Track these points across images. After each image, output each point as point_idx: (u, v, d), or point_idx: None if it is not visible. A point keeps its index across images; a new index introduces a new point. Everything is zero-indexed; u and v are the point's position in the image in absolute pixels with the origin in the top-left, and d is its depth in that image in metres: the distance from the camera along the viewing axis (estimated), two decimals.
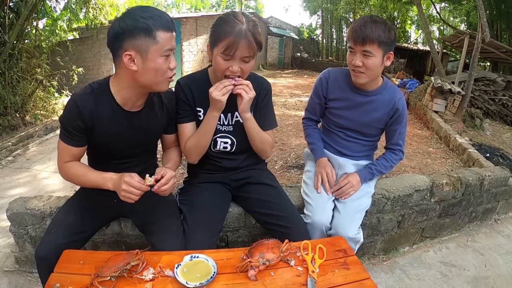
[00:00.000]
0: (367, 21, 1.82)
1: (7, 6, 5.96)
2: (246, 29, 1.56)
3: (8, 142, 5.46)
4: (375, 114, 2.07)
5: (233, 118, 1.86)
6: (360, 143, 2.18)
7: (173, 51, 1.50)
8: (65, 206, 1.78)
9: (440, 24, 24.82)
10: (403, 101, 2.08)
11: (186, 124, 1.82)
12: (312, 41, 32.51)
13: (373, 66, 1.86)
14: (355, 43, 1.86)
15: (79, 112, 1.49)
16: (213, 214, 1.77)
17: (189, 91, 1.80)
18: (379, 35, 1.79)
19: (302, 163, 4.29)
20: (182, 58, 13.34)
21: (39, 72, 6.96)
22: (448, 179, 2.67)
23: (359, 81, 1.95)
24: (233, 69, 1.60)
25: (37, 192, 3.88)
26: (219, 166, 1.94)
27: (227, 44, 1.55)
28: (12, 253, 2.35)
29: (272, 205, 1.83)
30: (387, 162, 2.14)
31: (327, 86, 2.14)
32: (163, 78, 1.51)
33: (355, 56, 1.88)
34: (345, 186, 2.01)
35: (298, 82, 15.70)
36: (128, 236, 2.12)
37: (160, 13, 1.44)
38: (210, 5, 33.25)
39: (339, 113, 2.13)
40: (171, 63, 1.50)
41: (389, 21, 22.69)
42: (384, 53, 1.86)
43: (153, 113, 1.71)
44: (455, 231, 2.96)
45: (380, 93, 2.05)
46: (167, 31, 1.43)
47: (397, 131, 2.11)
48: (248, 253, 1.38)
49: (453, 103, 7.33)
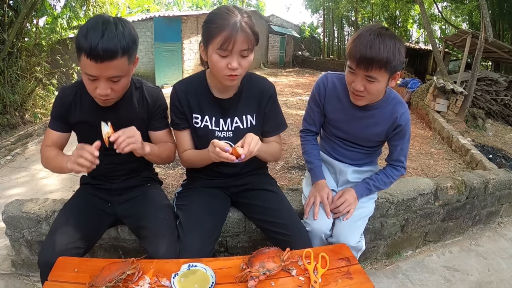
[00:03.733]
0: (373, 40, 1.52)
1: (6, 4, 5.92)
2: (242, 20, 1.47)
3: (7, 141, 5.43)
4: (375, 129, 1.88)
5: (233, 124, 1.76)
6: (360, 152, 2.03)
7: (99, 77, 1.41)
8: (64, 210, 1.74)
9: (442, 23, 24.74)
10: (407, 116, 1.84)
11: (181, 132, 1.78)
12: (313, 39, 32.38)
13: (375, 91, 1.65)
14: (357, 66, 1.59)
15: (60, 101, 1.66)
16: (210, 220, 1.70)
17: (185, 97, 1.72)
18: (388, 58, 1.52)
19: (303, 163, 4.25)
20: (183, 57, 13.33)
21: (38, 71, 6.93)
22: (453, 183, 2.62)
23: (358, 103, 1.76)
24: (233, 66, 1.49)
25: (35, 192, 3.86)
26: (219, 172, 1.87)
27: (224, 38, 1.44)
28: (8, 256, 2.32)
29: (273, 212, 1.76)
30: (387, 178, 1.95)
31: (324, 93, 1.93)
32: (91, 94, 1.51)
33: (355, 78, 1.64)
34: (342, 206, 1.86)
35: (299, 81, 15.66)
36: (125, 241, 2.08)
37: (95, 37, 1.33)
38: (211, 3, 33.16)
39: (337, 125, 1.96)
40: (97, 88, 1.44)
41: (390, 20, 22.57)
42: (390, 76, 1.62)
43: (131, 106, 1.69)
44: (458, 235, 2.92)
45: (382, 106, 1.83)
46: (89, 59, 1.35)
47: (398, 146, 1.90)
48: (248, 262, 1.33)
49: (455, 103, 7.30)
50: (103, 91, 1.43)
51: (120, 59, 1.38)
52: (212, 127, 1.74)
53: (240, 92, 1.74)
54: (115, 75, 1.42)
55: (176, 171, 3.93)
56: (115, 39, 1.35)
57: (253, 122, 1.79)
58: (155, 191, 1.89)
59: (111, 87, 1.45)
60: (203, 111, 1.72)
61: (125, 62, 1.42)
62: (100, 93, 1.44)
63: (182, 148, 1.79)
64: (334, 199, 1.90)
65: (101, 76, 1.40)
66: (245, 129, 1.75)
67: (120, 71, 1.43)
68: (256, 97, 1.76)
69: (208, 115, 1.73)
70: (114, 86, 1.46)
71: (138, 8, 17.87)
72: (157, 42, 11.98)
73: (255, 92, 1.75)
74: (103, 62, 1.34)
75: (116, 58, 1.37)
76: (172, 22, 12.51)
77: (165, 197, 1.91)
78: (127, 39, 1.39)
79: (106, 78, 1.41)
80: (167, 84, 12.19)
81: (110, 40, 1.33)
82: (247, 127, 1.76)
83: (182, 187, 2.01)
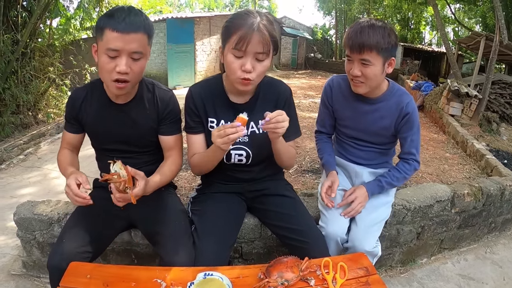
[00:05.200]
0: (364, 26, 1.67)
1: (20, 5, 6.00)
2: (260, 22, 1.44)
3: (20, 141, 5.49)
4: (382, 123, 1.91)
5: (248, 128, 1.71)
6: (373, 151, 2.03)
7: (120, 53, 1.45)
8: (75, 213, 1.73)
9: (455, 25, 24.52)
10: (413, 105, 1.88)
11: (194, 136, 1.73)
12: (325, 41, 32.36)
13: (372, 76, 1.72)
14: (351, 51, 1.71)
15: (72, 102, 1.71)
16: (226, 226, 1.67)
17: (200, 101, 1.69)
18: (378, 42, 1.63)
19: (317, 167, 4.22)
20: (196, 58, 13.36)
21: (51, 71, 7.00)
22: (470, 189, 2.57)
23: (358, 91, 1.82)
24: (246, 67, 1.44)
25: (47, 192, 3.88)
26: (234, 177, 1.83)
27: (239, 37, 1.42)
28: (19, 257, 2.32)
29: (289, 218, 1.72)
30: (399, 174, 1.94)
31: (331, 94, 2.01)
32: (108, 77, 1.51)
33: (353, 65, 1.74)
34: (354, 203, 1.86)
35: (312, 83, 15.59)
36: (138, 245, 2.06)
37: (122, 14, 1.43)
38: (224, 5, 33.36)
39: (345, 123, 2.01)
40: (117, 66, 1.46)
41: (403, 22, 22.54)
42: (385, 60, 1.71)
43: (142, 107, 1.70)
44: (473, 242, 2.86)
45: (386, 99, 1.89)
46: (115, 31, 1.41)
47: (408, 138, 1.92)
48: (265, 271, 1.30)
49: (469, 107, 7.19)
50: (123, 67, 1.45)
51: (143, 34, 1.47)
52: None
53: (256, 96, 1.71)
54: (137, 50, 1.46)
55: (189, 173, 3.90)
56: (139, 17, 1.46)
57: None
58: (169, 196, 1.87)
59: (130, 66, 1.47)
60: (218, 115, 1.69)
61: (146, 40, 1.50)
62: (120, 69, 1.45)
63: (191, 153, 1.74)
64: (345, 195, 1.91)
65: (124, 50, 1.43)
66: (261, 134, 1.72)
67: (142, 47, 1.48)
68: (272, 101, 1.72)
69: (224, 119, 1.69)
70: (133, 65, 1.49)
71: (151, 9, 18.03)
72: (170, 43, 12.03)
73: (271, 96, 1.71)
74: (129, 33, 1.41)
75: (139, 31, 1.45)
76: (184, 23, 12.57)
77: (180, 202, 1.89)
78: (149, 22, 1.51)
79: (128, 53, 1.45)
80: (179, 86, 12.24)
81: (135, 16, 1.45)
82: (263, 132, 1.72)
83: (196, 191, 1.98)
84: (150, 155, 1.82)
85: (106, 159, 1.66)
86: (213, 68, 14.68)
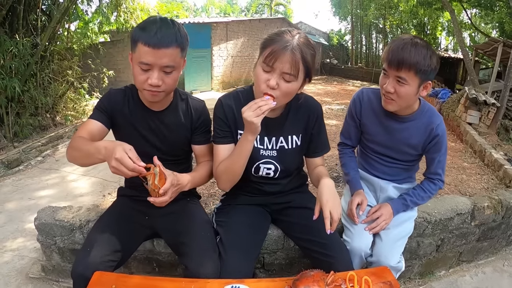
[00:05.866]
0: (407, 43, 1.60)
1: (39, 9, 6.09)
2: (295, 43, 1.40)
3: (38, 142, 5.55)
4: (410, 142, 1.88)
5: (277, 143, 1.71)
6: (398, 167, 2.01)
7: (152, 66, 1.46)
8: (99, 222, 1.75)
9: (471, 30, 24.23)
10: (442, 127, 1.84)
11: (221, 146, 1.67)
12: (341, 47, 32.15)
13: (405, 95, 1.67)
14: (389, 66, 1.65)
15: (109, 97, 1.69)
16: (251, 238, 1.68)
17: (231, 111, 1.66)
18: (418, 62, 1.57)
19: (334, 175, 4.20)
20: (212, 63, 13.44)
21: (70, 74, 7.09)
22: (490, 202, 2.54)
23: (388, 107, 1.78)
24: (270, 83, 1.42)
25: (65, 195, 3.92)
26: (261, 190, 1.83)
27: (269, 51, 1.41)
28: (38, 261, 2.35)
29: (314, 231, 1.70)
30: (424, 193, 1.93)
31: (360, 108, 1.96)
32: (140, 87, 1.53)
33: (388, 80, 1.69)
34: (379, 220, 1.84)
35: (328, 89, 15.55)
36: (160, 254, 2.07)
37: (154, 28, 1.43)
38: (239, 10, 33.49)
39: (373, 138, 1.97)
40: (149, 79, 1.47)
41: (419, 27, 22.26)
42: (421, 82, 1.65)
43: (176, 115, 1.72)
44: (491, 255, 2.82)
45: (417, 118, 1.85)
46: (146, 46, 1.42)
47: (435, 159, 1.89)
48: (292, 285, 1.30)
49: (487, 115, 7.09)
50: (155, 80, 1.46)
51: (175, 48, 1.46)
52: (257, 145, 1.70)
53: (287, 111, 1.70)
54: (169, 64, 1.46)
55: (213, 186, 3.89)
56: (171, 29, 1.45)
57: (298, 142, 1.75)
58: (194, 206, 1.88)
59: (162, 79, 1.48)
60: None
61: (178, 53, 1.49)
62: (152, 82, 1.46)
63: (218, 163, 1.67)
64: (370, 212, 1.89)
65: (155, 65, 1.44)
66: (290, 149, 1.72)
67: (173, 61, 1.47)
68: (303, 118, 1.72)
69: None
70: (166, 78, 1.49)
71: (168, 14, 18.17)
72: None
73: (302, 113, 1.69)
74: (160, 49, 1.41)
75: (171, 46, 1.44)
76: (202, 28, 12.65)
77: (204, 213, 1.90)
78: (182, 33, 1.49)
79: (160, 67, 1.45)
80: (196, 90, 12.36)
81: (167, 29, 1.44)
82: (292, 147, 1.73)
83: (221, 202, 1.98)
84: (179, 164, 1.82)
85: None
86: (230, 73, 14.76)
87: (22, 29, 5.67)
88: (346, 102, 11.09)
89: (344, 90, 15.55)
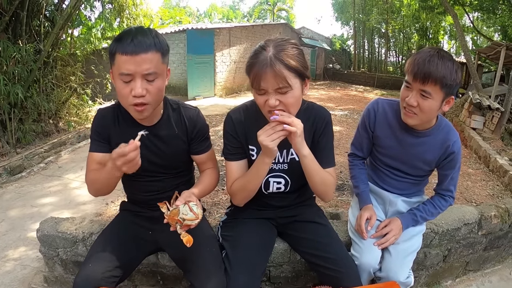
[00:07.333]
0: (433, 55, 1.53)
1: (42, 15, 6.09)
2: (271, 56, 1.34)
3: (41, 149, 5.54)
4: (425, 157, 1.83)
5: (288, 156, 1.67)
6: (409, 182, 1.97)
7: (134, 76, 1.39)
8: (102, 236, 1.72)
9: (473, 34, 24.22)
10: (458, 144, 1.79)
11: (233, 163, 1.65)
12: (344, 52, 32.17)
13: (428, 110, 1.61)
14: (414, 79, 1.58)
15: (99, 121, 1.65)
16: (257, 254, 1.64)
17: (241, 127, 1.63)
18: (445, 76, 1.51)
19: (339, 183, 4.17)
20: (215, 69, 13.40)
21: (73, 80, 7.10)
22: (497, 211, 2.51)
23: (408, 121, 1.71)
24: (270, 103, 1.37)
25: (68, 202, 3.90)
26: (269, 204, 1.80)
27: (252, 77, 1.37)
28: (41, 271, 2.33)
29: (322, 246, 1.68)
30: (435, 209, 1.89)
31: (374, 119, 1.89)
32: (126, 103, 1.46)
33: (410, 93, 1.61)
34: (388, 235, 1.80)
35: (331, 94, 15.51)
36: (164, 267, 2.04)
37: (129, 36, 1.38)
38: (242, 15, 33.58)
39: (386, 152, 1.92)
40: (133, 90, 1.40)
41: (421, 31, 22.27)
42: (445, 97, 1.59)
43: (170, 127, 1.66)
44: (498, 264, 2.79)
45: (433, 134, 1.79)
46: (124, 54, 1.37)
47: (448, 176, 1.84)
48: None
49: (491, 120, 7.05)
50: (139, 90, 1.39)
51: (154, 53, 1.40)
52: None
53: None
54: (150, 71, 1.39)
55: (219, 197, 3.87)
56: (148, 35, 1.40)
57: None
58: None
59: (146, 88, 1.41)
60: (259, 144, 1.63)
61: (159, 58, 1.42)
62: (136, 93, 1.39)
63: (231, 180, 1.64)
64: (379, 227, 1.86)
65: (136, 73, 1.38)
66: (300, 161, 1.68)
67: (155, 67, 1.40)
68: (312, 127, 1.67)
69: None
70: (149, 87, 1.42)
71: (170, 19, 18.23)
72: (190, 54, 12.07)
73: (309, 122, 1.65)
74: (138, 54, 1.35)
75: (150, 51, 1.38)
76: (205, 34, 12.62)
77: (210, 227, 1.87)
78: (160, 38, 1.44)
79: (141, 75, 1.39)
80: (199, 96, 12.33)
81: (143, 36, 1.38)
82: None
83: (226, 215, 1.94)
84: (179, 177, 1.79)
85: (132, 180, 1.66)
86: (233, 79, 14.74)
87: (25, 35, 5.67)
88: (350, 108, 11.07)
89: (347, 95, 15.52)
